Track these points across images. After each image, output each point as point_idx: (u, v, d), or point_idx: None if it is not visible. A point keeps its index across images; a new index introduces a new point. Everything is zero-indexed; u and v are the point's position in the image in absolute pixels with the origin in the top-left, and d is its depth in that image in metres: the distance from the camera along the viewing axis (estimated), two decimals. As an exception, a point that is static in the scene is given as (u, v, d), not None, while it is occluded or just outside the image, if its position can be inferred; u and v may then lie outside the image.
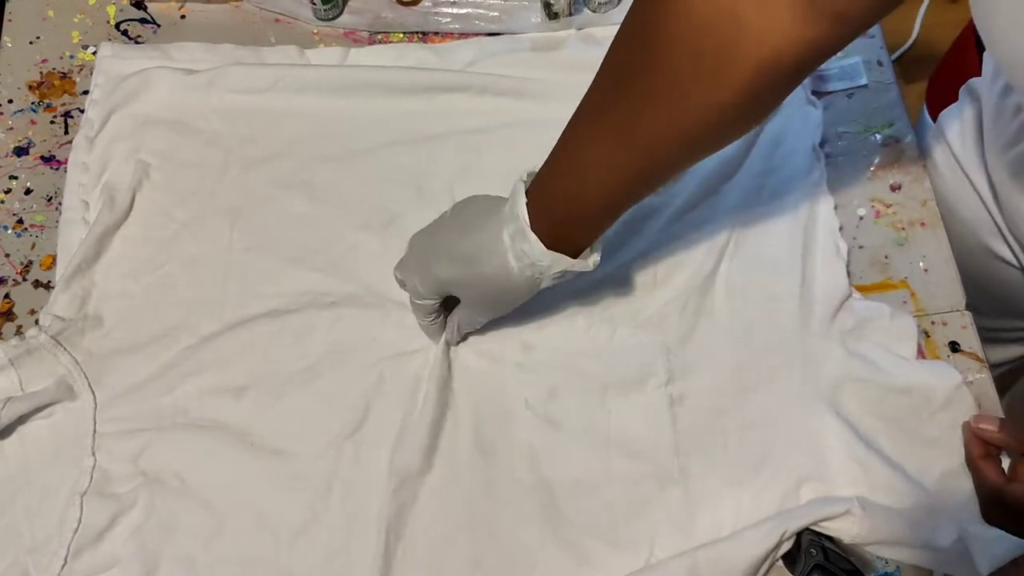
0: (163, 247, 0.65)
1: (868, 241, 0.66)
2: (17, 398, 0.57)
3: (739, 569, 0.53)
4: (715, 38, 0.41)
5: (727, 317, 0.62)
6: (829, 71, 0.72)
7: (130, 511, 0.56)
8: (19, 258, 0.66)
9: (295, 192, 0.66)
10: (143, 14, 0.76)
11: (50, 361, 0.59)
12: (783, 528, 0.54)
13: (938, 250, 0.66)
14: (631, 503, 0.57)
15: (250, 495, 0.57)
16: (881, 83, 0.72)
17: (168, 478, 0.57)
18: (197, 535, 0.56)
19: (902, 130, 0.70)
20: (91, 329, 0.61)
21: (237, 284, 0.63)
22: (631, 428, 0.59)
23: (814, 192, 0.66)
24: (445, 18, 0.75)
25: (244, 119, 0.69)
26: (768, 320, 0.62)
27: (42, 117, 0.72)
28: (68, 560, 0.55)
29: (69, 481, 0.57)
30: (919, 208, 0.68)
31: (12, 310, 0.65)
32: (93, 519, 0.56)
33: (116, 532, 0.56)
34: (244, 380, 0.60)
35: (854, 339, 0.61)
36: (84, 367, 0.60)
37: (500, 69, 0.71)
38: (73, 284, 0.62)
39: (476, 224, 0.53)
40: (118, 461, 0.58)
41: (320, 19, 0.75)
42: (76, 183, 0.66)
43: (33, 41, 0.75)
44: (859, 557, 0.56)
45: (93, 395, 0.59)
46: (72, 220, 0.65)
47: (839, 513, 0.54)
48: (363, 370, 0.60)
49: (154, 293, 0.63)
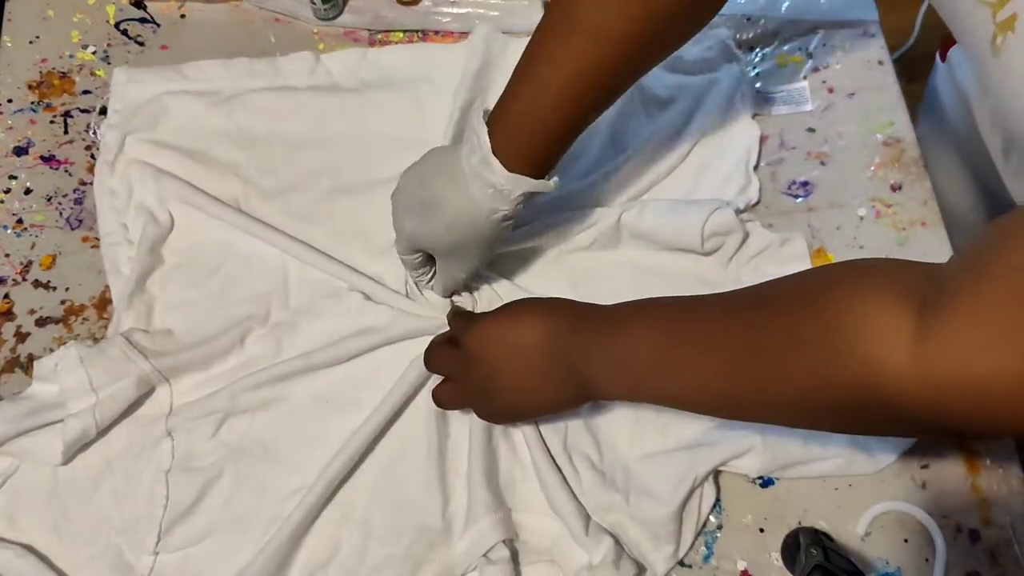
0: (215, 251, 0.65)
1: (868, 241, 0.66)
2: (103, 401, 0.57)
3: (661, 522, 0.56)
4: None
5: (630, 257, 0.65)
6: (776, 94, 0.72)
7: (217, 481, 0.58)
8: (19, 258, 0.66)
9: (314, 225, 0.66)
10: (143, 14, 0.76)
11: (121, 360, 0.59)
12: (693, 475, 0.57)
13: (939, 250, 0.66)
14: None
15: (330, 451, 0.58)
16: (881, 83, 0.72)
17: (251, 446, 0.59)
18: (288, 495, 0.57)
19: (902, 130, 0.70)
20: (162, 337, 0.62)
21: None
22: None
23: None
24: (445, 18, 0.75)
25: (263, 148, 0.68)
26: (669, 257, 0.65)
27: (42, 117, 0.72)
28: (161, 536, 0.56)
29: (151, 462, 0.58)
30: (920, 208, 0.68)
31: (12, 310, 0.64)
32: (181, 494, 0.57)
33: (206, 504, 0.57)
34: (311, 348, 0.61)
35: (750, 271, 0.64)
36: (156, 362, 0.59)
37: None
38: (135, 301, 0.62)
39: (434, 171, 0.55)
40: (198, 438, 0.59)
41: (320, 18, 0.75)
42: (108, 208, 0.66)
43: (33, 41, 0.75)
44: (859, 557, 0.56)
45: (169, 384, 0.60)
46: (115, 243, 0.65)
47: (743, 451, 0.58)
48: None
49: (216, 296, 0.63)
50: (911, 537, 0.57)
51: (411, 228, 0.56)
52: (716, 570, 0.57)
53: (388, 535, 0.57)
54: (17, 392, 0.60)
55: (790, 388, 0.44)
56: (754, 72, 0.73)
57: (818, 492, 0.59)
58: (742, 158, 0.68)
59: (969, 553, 0.57)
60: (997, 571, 0.56)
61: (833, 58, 0.74)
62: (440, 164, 0.55)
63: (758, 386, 0.45)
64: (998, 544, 0.57)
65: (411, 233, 0.56)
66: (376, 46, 0.74)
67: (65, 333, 0.64)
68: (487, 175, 0.52)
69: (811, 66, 0.73)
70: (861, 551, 0.57)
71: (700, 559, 0.57)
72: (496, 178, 0.52)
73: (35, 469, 0.58)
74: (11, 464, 0.57)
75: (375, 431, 0.58)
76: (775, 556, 0.57)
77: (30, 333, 0.64)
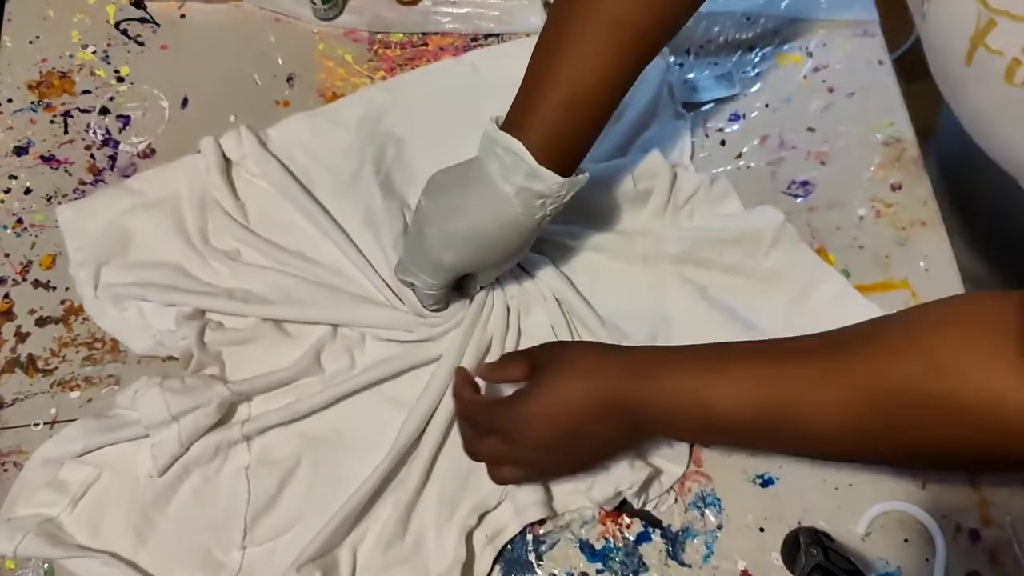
0: (249, 277, 0.64)
1: (868, 241, 0.66)
2: (185, 427, 0.57)
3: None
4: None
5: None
6: (703, 81, 0.73)
7: (296, 471, 0.59)
8: (19, 258, 0.66)
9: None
10: (143, 13, 0.76)
11: (200, 387, 0.58)
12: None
13: (939, 250, 0.66)
14: None
15: (390, 439, 0.58)
16: (881, 83, 0.72)
17: (325, 433, 0.60)
18: (362, 479, 0.57)
19: (902, 130, 0.70)
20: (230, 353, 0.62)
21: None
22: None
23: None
24: (445, 18, 0.75)
25: (242, 271, 0.64)
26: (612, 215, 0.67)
27: (42, 116, 0.72)
28: (248, 530, 0.57)
29: (229, 459, 0.58)
30: (920, 208, 0.68)
31: (12, 310, 0.65)
32: (262, 487, 0.58)
33: (288, 493, 0.58)
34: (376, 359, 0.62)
35: (687, 214, 0.66)
36: (235, 387, 0.59)
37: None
38: (201, 350, 0.61)
39: (464, 199, 0.54)
40: (273, 432, 0.59)
41: (320, 18, 0.75)
42: (133, 335, 0.63)
43: (33, 41, 0.75)
44: (859, 557, 0.56)
45: (248, 402, 0.60)
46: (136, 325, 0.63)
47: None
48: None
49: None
50: (911, 537, 0.57)
51: (452, 261, 0.55)
52: (716, 570, 0.57)
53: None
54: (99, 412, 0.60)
55: (908, 436, 0.44)
56: (754, 72, 0.73)
57: (818, 492, 0.59)
58: (677, 153, 0.70)
59: (969, 553, 0.57)
60: (997, 571, 0.56)
61: (833, 58, 0.74)
62: (467, 190, 0.54)
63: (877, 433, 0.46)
64: (998, 544, 0.57)
65: (452, 265, 0.56)
66: (374, 50, 0.75)
67: (65, 333, 0.64)
68: (535, 187, 0.51)
69: (811, 66, 0.73)
70: (861, 551, 0.57)
71: (700, 559, 0.57)
72: (546, 186, 0.51)
73: (115, 477, 0.57)
74: (91, 473, 0.57)
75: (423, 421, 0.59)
76: (775, 556, 0.57)
77: (30, 333, 0.64)
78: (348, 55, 0.75)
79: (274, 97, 0.73)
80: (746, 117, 0.72)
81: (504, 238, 0.54)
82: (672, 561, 0.57)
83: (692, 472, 0.60)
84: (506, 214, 0.53)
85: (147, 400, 0.57)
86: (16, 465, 0.60)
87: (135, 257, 0.64)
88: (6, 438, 0.60)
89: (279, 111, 0.72)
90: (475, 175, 0.53)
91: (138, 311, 0.63)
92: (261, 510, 0.57)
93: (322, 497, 0.58)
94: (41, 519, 0.56)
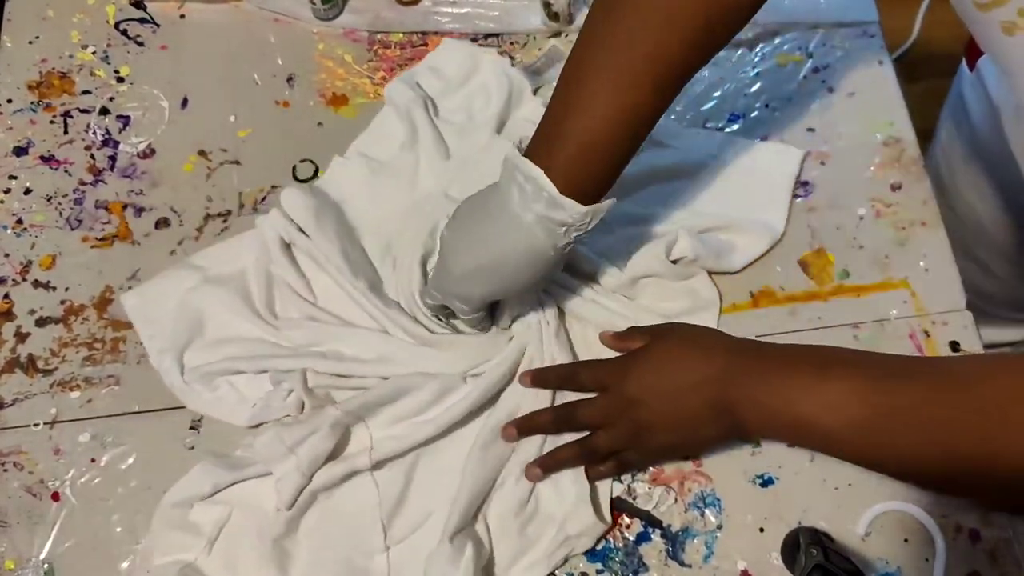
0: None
1: (868, 241, 0.66)
2: (303, 456, 0.56)
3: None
4: None
5: None
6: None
7: (418, 464, 0.59)
8: (19, 258, 0.66)
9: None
10: (142, 14, 0.76)
11: (313, 416, 0.59)
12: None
13: (939, 250, 0.66)
14: None
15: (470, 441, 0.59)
16: (881, 83, 0.72)
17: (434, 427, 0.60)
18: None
19: (902, 130, 0.70)
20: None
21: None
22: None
23: None
24: (445, 18, 0.75)
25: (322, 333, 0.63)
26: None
27: (42, 117, 0.72)
28: (386, 530, 0.57)
29: (350, 467, 0.58)
30: (919, 208, 0.68)
31: (12, 310, 0.65)
32: (391, 485, 0.58)
33: (415, 487, 0.59)
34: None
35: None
36: (344, 406, 0.59)
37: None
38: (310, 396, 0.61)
39: (486, 231, 0.53)
40: (387, 439, 0.59)
41: (320, 19, 0.75)
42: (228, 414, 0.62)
43: (33, 41, 0.75)
44: (859, 557, 0.56)
45: (365, 423, 0.60)
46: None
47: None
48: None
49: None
50: (911, 537, 0.57)
51: (481, 293, 0.55)
52: (716, 570, 0.57)
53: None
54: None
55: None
56: (754, 72, 0.73)
57: (818, 492, 0.59)
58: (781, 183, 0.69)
59: (969, 553, 0.57)
60: (997, 571, 0.56)
61: (833, 58, 0.74)
62: (488, 220, 0.53)
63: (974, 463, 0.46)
64: (998, 544, 0.57)
65: (482, 297, 0.56)
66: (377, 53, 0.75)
67: (65, 333, 0.64)
68: (556, 215, 0.50)
69: (811, 66, 0.73)
70: (861, 551, 0.57)
71: (700, 559, 0.57)
72: (567, 215, 0.50)
73: (244, 515, 0.57)
74: (223, 512, 0.57)
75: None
76: (775, 556, 0.57)
77: (30, 333, 0.64)
78: (348, 55, 0.75)
79: (274, 97, 0.73)
80: (746, 117, 0.72)
81: (529, 266, 0.53)
82: (672, 561, 0.57)
83: (692, 472, 0.60)
84: (527, 243, 0.52)
85: (264, 440, 0.57)
86: (16, 465, 0.60)
87: (212, 335, 0.63)
88: (6, 438, 0.61)
89: (279, 111, 0.72)
90: (496, 204, 0.53)
91: (230, 386, 0.62)
92: (393, 509, 0.58)
93: (449, 485, 0.57)
94: (181, 565, 0.56)
